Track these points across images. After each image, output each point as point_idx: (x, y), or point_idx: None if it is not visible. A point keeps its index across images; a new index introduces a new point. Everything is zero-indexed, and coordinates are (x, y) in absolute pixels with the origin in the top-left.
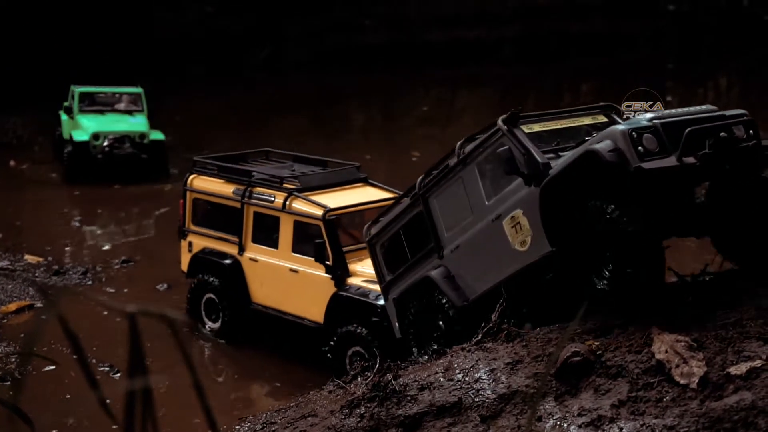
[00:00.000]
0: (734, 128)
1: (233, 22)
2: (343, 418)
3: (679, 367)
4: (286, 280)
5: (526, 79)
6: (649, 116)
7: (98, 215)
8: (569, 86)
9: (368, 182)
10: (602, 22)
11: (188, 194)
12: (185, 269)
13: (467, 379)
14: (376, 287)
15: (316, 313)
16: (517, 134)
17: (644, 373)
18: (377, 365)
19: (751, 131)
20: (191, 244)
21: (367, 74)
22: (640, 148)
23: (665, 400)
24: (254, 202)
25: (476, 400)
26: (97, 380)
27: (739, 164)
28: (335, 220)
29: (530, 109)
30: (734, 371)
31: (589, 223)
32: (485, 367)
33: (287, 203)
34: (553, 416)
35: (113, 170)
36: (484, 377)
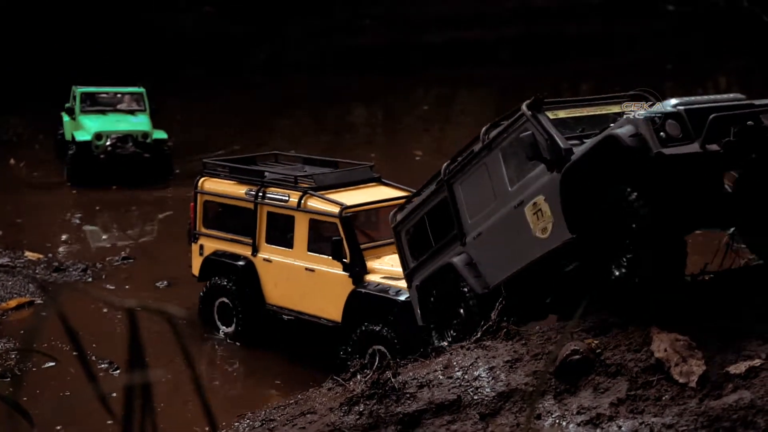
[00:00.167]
0: (762, 117)
1: (233, 22)
2: (342, 415)
3: (678, 365)
4: (302, 279)
5: (525, 79)
6: (673, 102)
7: (99, 214)
8: (568, 87)
9: (382, 181)
10: (601, 22)
11: (199, 197)
12: (197, 273)
13: (466, 377)
14: (395, 283)
15: (333, 312)
16: (540, 119)
17: (643, 371)
18: (376, 363)
19: None
20: (202, 247)
21: (366, 75)
22: (662, 134)
23: (664, 398)
24: (268, 202)
25: (475, 398)
26: (95, 375)
27: (766, 154)
28: (352, 217)
29: None
30: (733, 370)
31: (608, 209)
32: (484, 365)
33: (302, 202)
34: (552, 414)
35: (116, 170)
36: (483, 375)
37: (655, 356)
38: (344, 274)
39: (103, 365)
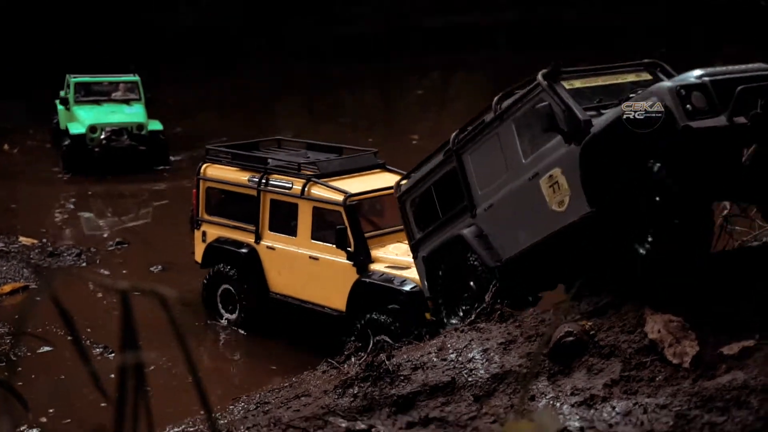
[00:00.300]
0: None
1: (229, 10)
2: (336, 397)
3: (672, 346)
4: (305, 268)
5: (520, 66)
6: (698, 73)
7: (93, 202)
8: None
9: (386, 168)
10: (597, 9)
11: (201, 183)
12: (199, 260)
13: (460, 359)
14: (399, 273)
15: (337, 300)
16: (557, 90)
17: (637, 352)
18: (371, 346)
19: None
20: (205, 233)
21: (362, 61)
22: (688, 106)
23: (658, 379)
24: (271, 189)
25: (469, 379)
26: (88, 355)
27: None
28: (356, 205)
29: None
30: (727, 351)
31: (631, 183)
32: (478, 347)
33: (306, 189)
34: (546, 395)
35: (111, 163)
36: (477, 357)
37: (648, 337)
38: (348, 263)
39: (97, 349)
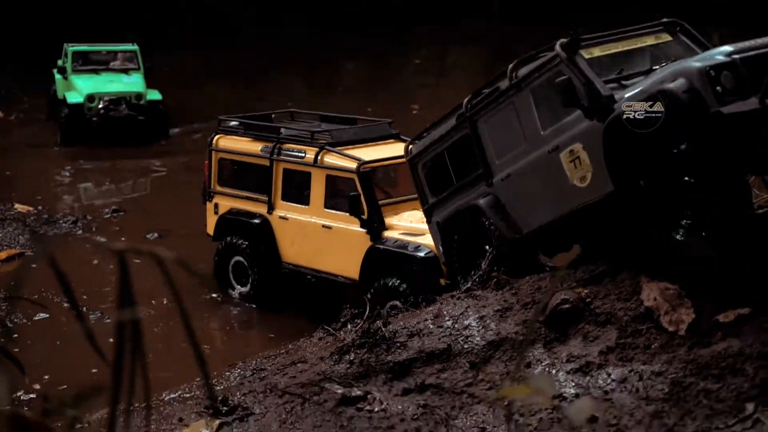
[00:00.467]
0: None
1: None
2: (332, 364)
3: (667, 314)
4: (318, 237)
5: (516, 36)
6: (727, 50)
7: (90, 171)
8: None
9: (400, 138)
10: None
11: (213, 154)
12: (211, 232)
13: (456, 326)
14: (413, 239)
15: (351, 269)
16: (578, 63)
17: (633, 320)
18: (366, 312)
19: None
20: (217, 205)
21: (356, 30)
22: (718, 88)
23: (653, 346)
24: (284, 158)
25: (465, 346)
26: (84, 314)
27: None
28: (370, 172)
29: None
30: (722, 319)
31: (661, 167)
32: (475, 314)
33: (319, 158)
34: (541, 362)
35: (110, 133)
36: (473, 324)
37: (644, 305)
38: (362, 230)
39: (94, 316)
